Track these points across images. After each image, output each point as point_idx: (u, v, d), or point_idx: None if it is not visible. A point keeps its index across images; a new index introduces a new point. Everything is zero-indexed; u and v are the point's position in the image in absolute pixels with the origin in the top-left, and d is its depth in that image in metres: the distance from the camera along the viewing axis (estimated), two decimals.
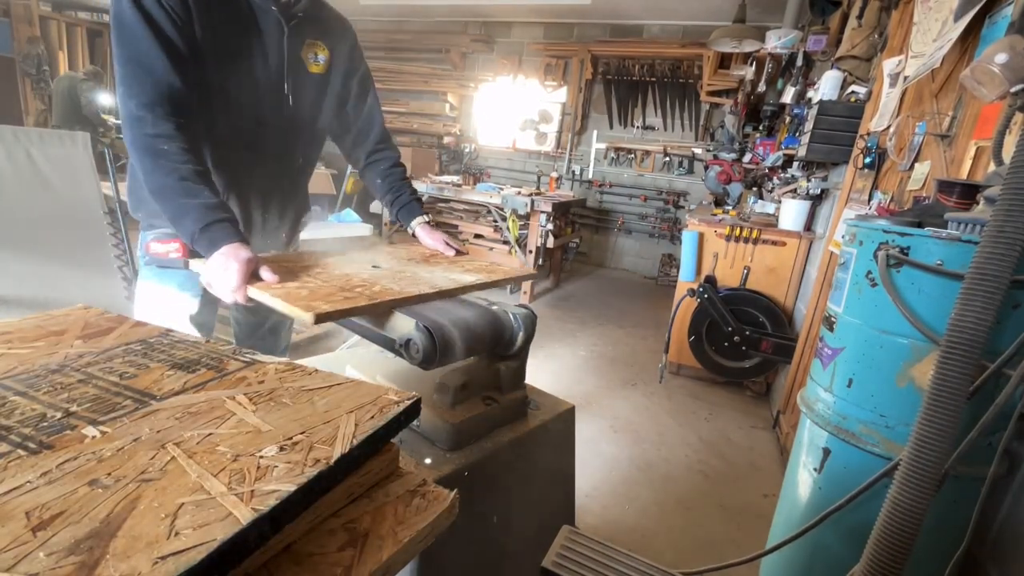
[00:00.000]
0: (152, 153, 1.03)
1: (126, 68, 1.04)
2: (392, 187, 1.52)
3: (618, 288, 5.67)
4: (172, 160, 1.03)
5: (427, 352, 0.86)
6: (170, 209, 1.05)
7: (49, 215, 2.38)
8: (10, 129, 2.30)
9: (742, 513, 2.05)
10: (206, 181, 1.07)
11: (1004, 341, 0.93)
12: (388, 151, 1.56)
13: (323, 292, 0.95)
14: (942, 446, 0.83)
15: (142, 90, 1.03)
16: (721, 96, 5.63)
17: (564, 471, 1.25)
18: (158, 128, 1.03)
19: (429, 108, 7.18)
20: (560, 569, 0.96)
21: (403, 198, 1.51)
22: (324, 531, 0.54)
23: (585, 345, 3.73)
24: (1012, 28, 1.25)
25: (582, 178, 6.61)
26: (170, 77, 1.05)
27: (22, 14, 6.58)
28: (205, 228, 1.01)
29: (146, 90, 1.03)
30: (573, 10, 5.99)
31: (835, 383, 1.18)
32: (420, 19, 7.17)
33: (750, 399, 3.18)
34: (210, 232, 1.02)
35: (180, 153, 1.04)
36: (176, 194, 1.03)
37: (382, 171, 1.54)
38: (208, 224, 1.02)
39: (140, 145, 1.03)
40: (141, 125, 1.03)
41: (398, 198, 1.51)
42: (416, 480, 0.63)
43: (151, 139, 1.03)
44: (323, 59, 1.36)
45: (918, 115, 1.86)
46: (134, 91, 1.03)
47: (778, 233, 3.09)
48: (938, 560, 1.03)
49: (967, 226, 1.00)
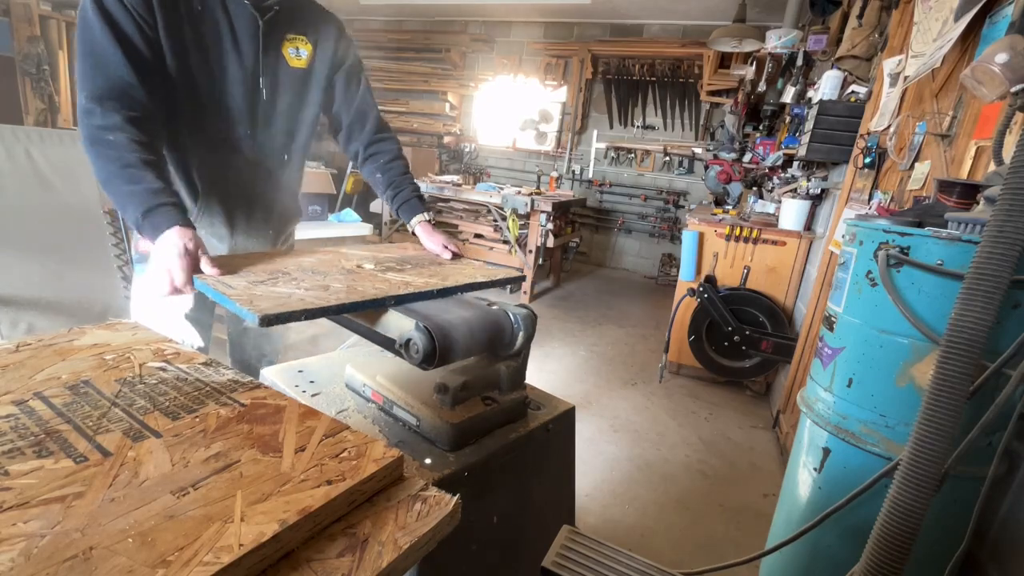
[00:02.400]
0: (98, 143, 1.03)
1: (82, 62, 1.05)
2: (392, 182, 1.48)
3: (618, 288, 5.67)
4: (117, 149, 1.03)
5: (427, 352, 0.86)
6: (116, 198, 1.04)
7: (48, 214, 2.38)
8: (10, 128, 2.30)
9: (742, 513, 2.05)
10: (152, 169, 1.05)
11: (1004, 341, 0.93)
12: (386, 143, 1.51)
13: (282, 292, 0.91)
14: (942, 446, 0.83)
15: (93, 83, 1.05)
16: (721, 96, 5.63)
17: (564, 471, 1.25)
18: (106, 120, 1.04)
19: (429, 107, 7.17)
20: (560, 569, 0.96)
21: (403, 194, 1.47)
22: (324, 537, 0.53)
23: (585, 345, 3.73)
24: (1012, 28, 1.25)
25: (582, 178, 6.61)
26: (122, 71, 1.06)
27: (22, 13, 6.58)
28: (147, 212, 1.00)
29: (97, 83, 1.05)
30: (573, 9, 5.98)
31: (835, 383, 1.18)
32: (420, 18, 7.17)
33: (750, 399, 3.18)
34: (153, 216, 1.01)
35: (126, 143, 1.04)
36: (120, 181, 1.03)
37: (381, 165, 1.49)
38: (149, 209, 1.01)
39: (87, 136, 1.04)
40: (90, 116, 1.04)
41: (398, 194, 1.47)
42: (417, 485, 0.63)
43: (98, 130, 1.03)
44: (305, 53, 1.34)
45: (918, 115, 1.86)
46: (86, 84, 1.05)
47: (778, 233, 3.09)
48: (938, 560, 1.03)
49: (967, 226, 1.00)
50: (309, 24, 1.35)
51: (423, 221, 1.43)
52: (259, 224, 1.44)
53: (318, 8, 1.39)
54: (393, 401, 1.00)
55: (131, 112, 1.06)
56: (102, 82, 1.05)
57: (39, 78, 6.65)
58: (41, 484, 0.52)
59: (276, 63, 1.30)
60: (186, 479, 0.55)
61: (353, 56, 1.45)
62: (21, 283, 2.28)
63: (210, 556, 0.45)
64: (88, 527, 0.47)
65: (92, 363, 0.77)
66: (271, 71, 1.29)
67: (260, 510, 0.51)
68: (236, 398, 0.72)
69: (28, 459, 0.55)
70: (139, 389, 0.71)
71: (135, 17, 1.07)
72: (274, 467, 0.58)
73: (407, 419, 0.98)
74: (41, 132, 2.43)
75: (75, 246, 2.46)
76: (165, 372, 0.77)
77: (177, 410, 0.68)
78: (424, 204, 1.47)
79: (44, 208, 2.37)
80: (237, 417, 0.68)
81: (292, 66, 1.33)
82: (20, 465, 0.54)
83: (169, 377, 0.76)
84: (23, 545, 0.44)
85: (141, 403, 0.68)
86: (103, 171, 1.04)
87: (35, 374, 0.72)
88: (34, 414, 0.63)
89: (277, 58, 1.30)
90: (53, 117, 6.92)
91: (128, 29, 1.07)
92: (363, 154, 1.51)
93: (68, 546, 0.45)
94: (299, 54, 1.33)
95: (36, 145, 2.35)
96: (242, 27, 1.22)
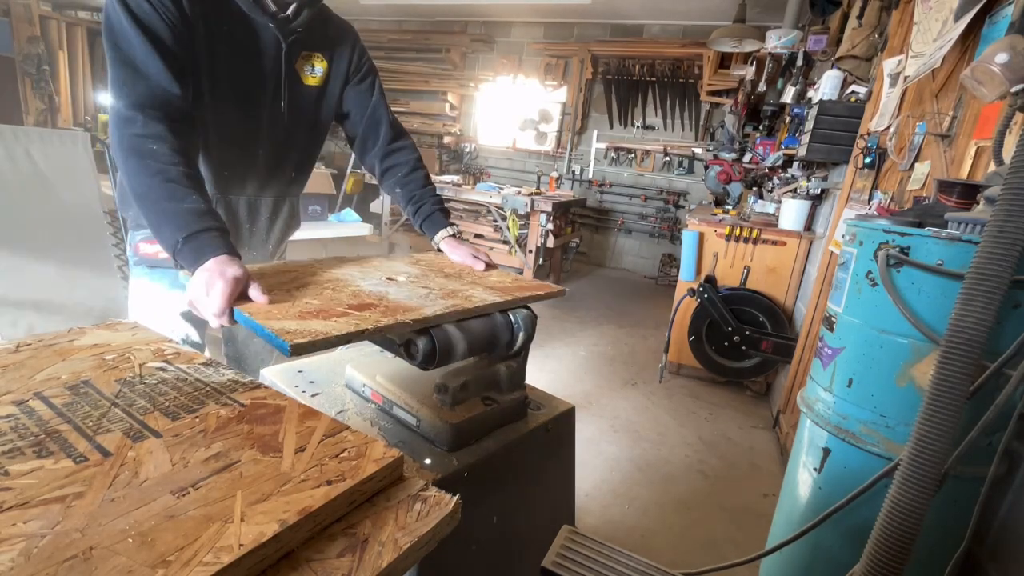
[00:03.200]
0: (138, 153, 0.96)
1: (119, 70, 1.00)
2: (413, 197, 1.41)
3: (618, 288, 5.67)
4: (160, 161, 0.96)
5: (427, 352, 0.86)
6: (152, 214, 0.95)
7: (48, 214, 2.38)
8: (10, 128, 2.30)
9: (742, 513, 2.05)
10: (196, 186, 0.98)
11: (1004, 341, 0.93)
12: (402, 152, 1.45)
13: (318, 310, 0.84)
14: (942, 446, 0.83)
15: (134, 91, 0.99)
16: (721, 96, 5.63)
17: (564, 471, 1.25)
18: (148, 129, 0.98)
19: (429, 108, 7.18)
20: (560, 569, 0.96)
21: (425, 208, 1.39)
22: (324, 537, 0.53)
23: (585, 345, 3.73)
24: (1012, 28, 1.25)
25: (582, 178, 6.61)
26: (164, 81, 1.02)
27: (22, 13, 6.58)
28: (189, 237, 0.91)
29: (138, 91, 0.99)
30: (573, 10, 5.99)
31: (835, 383, 1.18)
32: (420, 19, 7.17)
33: (750, 399, 3.18)
34: (195, 241, 0.91)
35: (169, 154, 0.97)
36: (160, 197, 0.94)
37: (400, 179, 1.43)
38: (193, 233, 0.91)
39: (127, 145, 0.97)
40: (130, 125, 0.98)
41: (420, 208, 1.40)
42: (418, 484, 0.63)
43: (139, 139, 0.97)
44: (320, 71, 1.32)
45: (918, 115, 1.86)
46: (125, 92, 0.99)
47: (778, 233, 3.09)
48: (938, 560, 1.03)
49: (967, 226, 1.00)
50: (326, 41, 1.32)
51: (447, 236, 1.36)
52: (261, 238, 1.45)
53: (336, 22, 1.36)
54: (393, 401, 1.00)
55: (172, 123, 1.01)
56: (143, 90, 0.99)
57: (39, 78, 6.65)
58: (41, 484, 0.52)
59: (293, 83, 1.28)
60: (186, 479, 0.55)
61: (367, 66, 1.42)
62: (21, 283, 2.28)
63: (210, 556, 0.45)
64: (88, 527, 0.47)
65: (92, 363, 0.77)
66: (289, 91, 1.28)
67: (260, 510, 0.51)
68: (236, 398, 0.72)
69: (28, 459, 0.55)
70: (139, 389, 0.71)
71: (169, 24, 1.03)
72: (274, 467, 0.58)
73: (407, 419, 0.98)
74: (41, 132, 2.43)
75: (75, 246, 2.46)
76: (165, 372, 0.77)
77: (177, 410, 0.68)
78: (447, 217, 1.40)
79: (44, 208, 2.37)
80: (237, 417, 0.68)
81: (307, 84, 1.31)
82: (20, 465, 0.54)
83: (169, 377, 0.76)
84: (23, 545, 0.44)
85: (141, 403, 0.68)
86: (142, 183, 0.96)
87: (35, 374, 0.72)
88: (34, 414, 0.63)
89: (294, 77, 1.28)
90: (53, 117, 6.92)
91: (164, 36, 1.03)
92: (379, 167, 1.46)
93: (68, 546, 0.45)
94: (314, 71, 1.31)
95: (36, 145, 2.35)
96: (266, 49, 1.21)
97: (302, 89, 1.31)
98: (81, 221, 2.50)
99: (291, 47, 1.24)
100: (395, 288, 1.02)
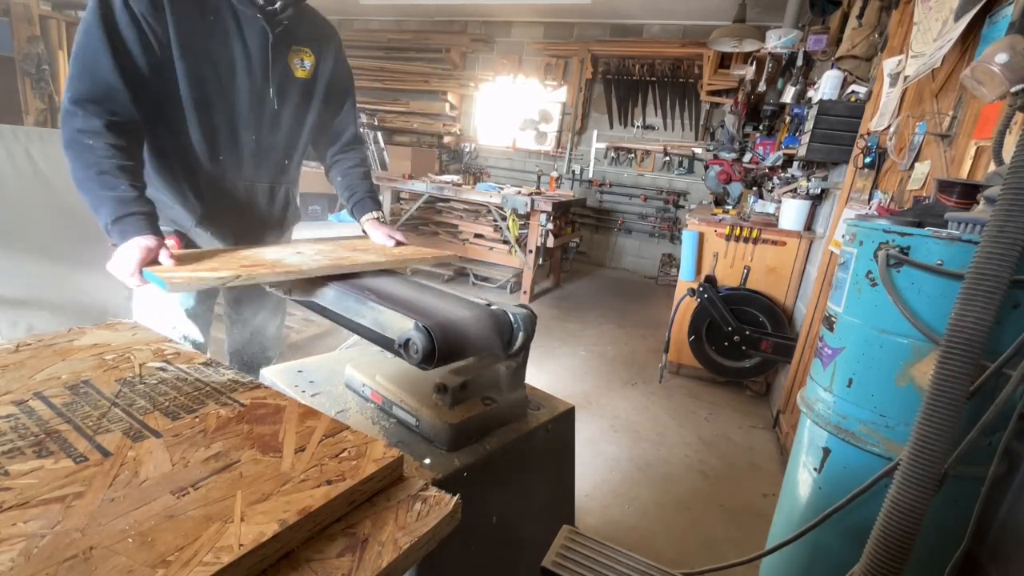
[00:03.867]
0: (76, 146, 1.06)
1: (74, 63, 1.08)
2: (349, 185, 1.55)
3: (618, 288, 5.67)
4: (95, 154, 1.06)
5: (426, 352, 0.86)
6: (88, 199, 1.07)
7: (48, 214, 2.38)
8: (10, 128, 2.30)
9: (742, 513, 2.05)
10: (128, 176, 1.08)
11: (1004, 341, 0.93)
12: (353, 153, 1.58)
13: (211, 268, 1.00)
14: (942, 446, 0.83)
15: (80, 86, 1.07)
16: (721, 96, 5.63)
17: (564, 471, 1.25)
18: (86, 124, 1.06)
19: (429, 108, 7.17)
20: (560, 569, 0.96)
21: (357, 195, 1.53)
22: (323, 537, 0.53)
23: (585, 345, 3.73)
24: (1012, 28, 1.25)
25: (582, 178, 6.61)
26: (108, 76, 1.07)
27: (22, 13, 6.58)
28: (116, 220, 1.05)
29: (83, 87, 1.07)
30: (573, 10, 5.98)
31: (835, 383, 1.18)
32: (420, 18, 7.16)
33: (750, 399, 3.18)
34: (121, 224, 1.05)
35: (104, 148, 1.06)
36: (95, 186, 1.06)
37: (343, 169, 1.56)
38: (119, 217, 1.05)
39: (66, 138, 1.07)
40: (71, 119, 1.06)
41: (353, 195, 1.53)
42: (417, 485, 0.63)
43: (78, 133, 1.06)
44: (309, 64, 1.39)
45: (918, 115, 1.86)
46: (71, 86, 1.07)
47: (778, 233, 3.09)
48: (938, 560, 1.03)
49: (967, 226, 1.00)
50: (313, 37, 1.39)
51: (372, 218, 1.50)
52: (261, 221, 1.48)
53: (321, 20, 1.44)
54: (393, 401, 1.00)
55: (112, 117, 1.09)
56: (88, 85, 1.07)
57: (39, 78, 6.64)
58: (41, 484, 0.52)
59: (283, 73, 1.34)
60: (186, 479, 0.55)
61: (346, 68, 1.52)
62: (21, 283, 2.28)
63: (210, 556, 0.45)
64: (88, 527, 0.47)
65: (92, 363, 0.77)
66: (279, 81, 1.33)
67: (260, 510, 0.51)
68: (236, 398, 0.72)
69: (28, 459, 0.55)
70: (139, 389, 0.71)
71: (140, 24, 1.09)
72: (274, 467, 0.58)
73: (407, 419, 0.98)
74: (41, 132, 2.43)
75: (75, 246, 2.46)
76: (165, 372, 0.77)
77: (177, 410, 0.68)
78: (377, 204, 1.54)
79: (44, 208, 2.37)
80: (237, 417, 0.68)
81: (297, 76, 1.38)
82: (20, 465, 0.54)
83: (169, 377, 0.76)
84: (23, 545, 0.44)
85: (141, 403, 0.68)
86: (79, 174, 1.07)
87: (35, 374, 0.72)
88: (34, 414, 0.63)
89: (284, 68, 1.34)
90: (53, 117, 6.91)
91: (127, 35, 1.08)
92: (329, 160, 1.59)
93: (68, 546, 0.45)
94: (303, 65, 1.38)
95: (36, 145, 2.35)
96: (253, 39, 1.26)
97: (293, 81, 1.37)
98: (81, 221, 2.50)
99: (278, 37, 1.29)
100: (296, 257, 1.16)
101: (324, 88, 1.45)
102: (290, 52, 1.34)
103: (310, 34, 1.39)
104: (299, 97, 1.40)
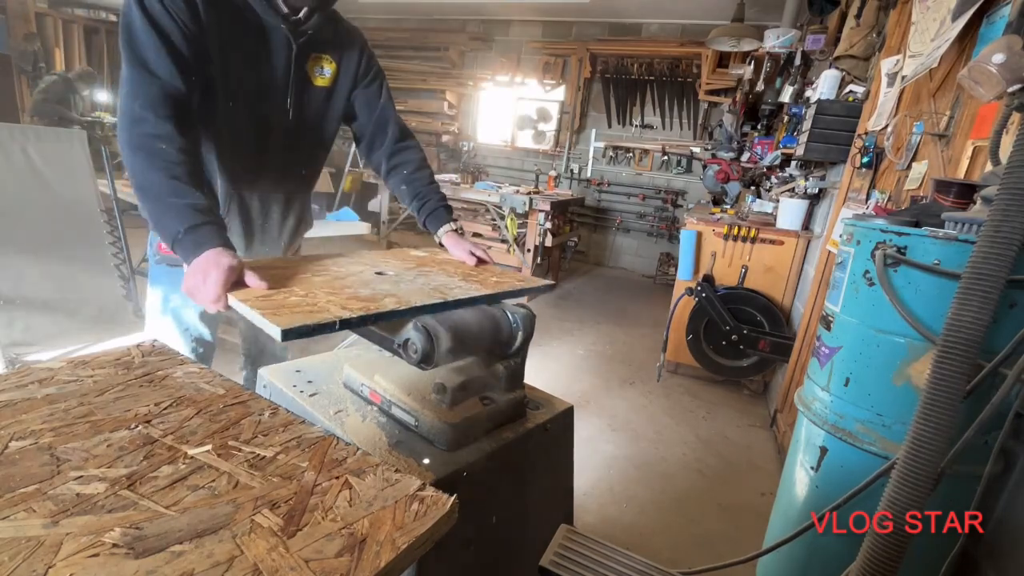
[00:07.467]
0: (148, 152, 1.01)
1: (132, 70, 1.04)
2: (418, 193, 1.45)
3: (616, 287, 5.67)
4: (167, 159, 1.00)
5: (425, 352, 0.86)
6: (155, 207, 0.99)
7: (45, 213, 2.37)
8: (6, 126, 2.29)
9: (739, 512, 2.05)
10: (198, 185, 1.03)
11: (1000, 340, 0.93)
12: (408, 151, 1.48)
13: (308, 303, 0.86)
14: (938, 445, 0.83)
15: (147, 91, 1.03)
16: (719, 95, 5.63)
17: (562, 470, 1.25)
18: (159, 128, 1.02)
19: (427, 106, 7.16)
20: (558, 568, 0.96)
21: (429, 205, 1.43)
22: (322, 536, 0.53)
23: (583, 344, 3.73)
24: (1010, 28, 1.25)
25: (580, 177, 6.60)
26: (175, 82, 1.05)
27: (18, 10, 6.55)
28: (190, 229, 0.95)
29: (151, 93, 1.03)
30: (572, 8, 5.98)
31: (832, 382, 1.19)
32: (418, 17, 7.15)
33: (747, 398, 3.19)
34: (195, 234, 0.95)
35: (176, 154, 1.02)
36: (164, 192, 0.99)
37: (405, 176, 1.47)
38: (194, 226, 0.96)
39: (136, 144, 1.01)
40: (140, 124, 1.02)
41: (424, 205, 1.44)
42: (415, 484, 0.63)
43: (150, 138, 1.01)
44: (329, 72, 1.35)
45: (916, 114, 1.87)
46: (138, 92, 1.03)
47: (776, 232, 3.10)
48: (934, 559, 1.04)
49: (964, 226, 1.00)
50: (335, 43, 1.35)
51: (450, 231, 1.40)
52: (273, 235, 1.47)
53: (344, 25, 1.39)
54: (391, 401, 1.00)
55: (181, 122, 1.05)
56: (156, 91, 1.03)
57: (35, 76, 6.61)
58: None
59: (302, 82, 1.31)
60: None
61: (375, 69, 1.44)
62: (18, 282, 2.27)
63: None
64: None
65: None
66: (297, 90, 1.30)
67: None
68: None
69: None
70: None
71: (182, 27, 1.07)
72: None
73: (405, 419, 0.98)
74: (37, 130, 2.43)
75: (72, 244, 2.45)
76: None
77: None
78: (451, 214, 1.45)
79: (40, 206, 2.36)
80: None
81: (316, 84, 1.34)
82: None
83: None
84: None
85: None
86: (147, 178, 1.00)
87: None
88: None
89: (303, 77, 1.30)
90: None
91: (176, 38, 1.06)
92: (386, 165, 1.48)
93: None
94: (323, 72, 1.34)
95: (32, 143, 2.34)
96: (277, 49, 1.23)
97: (312, 90, 1.33)
98: (78, 219, 2.49)
99: (301, 48, 1.26)
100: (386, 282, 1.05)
101: (348, 93, 1.40)
102: (309, 60, 1.30)
103: (333, 40, 1.34)
104: (319, 105, 1.36)
